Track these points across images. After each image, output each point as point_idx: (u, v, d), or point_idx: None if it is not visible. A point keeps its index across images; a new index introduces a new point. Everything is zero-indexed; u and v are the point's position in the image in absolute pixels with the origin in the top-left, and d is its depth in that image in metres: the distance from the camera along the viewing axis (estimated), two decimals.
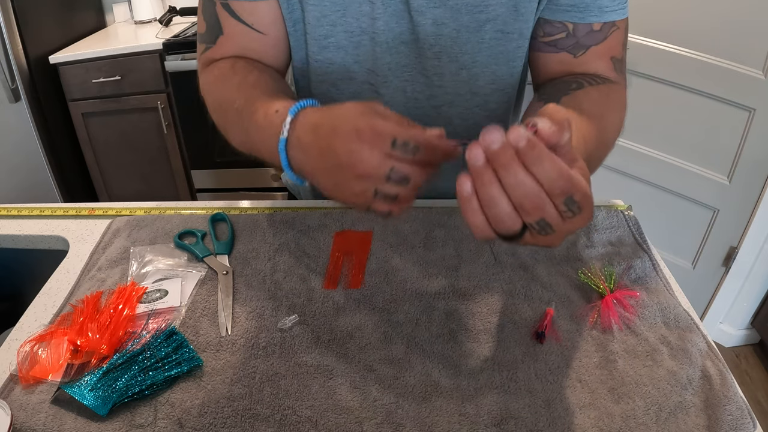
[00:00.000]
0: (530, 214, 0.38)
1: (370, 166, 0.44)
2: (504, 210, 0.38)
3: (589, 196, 0.39)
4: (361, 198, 0.46)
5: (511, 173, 0.37)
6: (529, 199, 0.37)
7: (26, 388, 0.55)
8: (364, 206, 0.47)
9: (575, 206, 0.38)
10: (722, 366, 0.57)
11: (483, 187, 0.38)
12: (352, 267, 0.70)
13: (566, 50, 0.68)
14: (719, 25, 1.55)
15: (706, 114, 1.67)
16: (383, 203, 0.46)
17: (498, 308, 0.64)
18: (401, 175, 0.44)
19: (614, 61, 0.69)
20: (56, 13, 2.24)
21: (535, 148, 0.36)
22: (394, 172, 0.44)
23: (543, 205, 0.37)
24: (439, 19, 0.66)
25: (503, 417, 0.52)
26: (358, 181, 0.45)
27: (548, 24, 0.68)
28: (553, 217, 0.38)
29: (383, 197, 0.45)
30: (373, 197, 0.45)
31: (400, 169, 0.44)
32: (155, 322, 0.62)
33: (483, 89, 0.73)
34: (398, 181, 0.44)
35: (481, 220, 0.39)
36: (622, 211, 0.80)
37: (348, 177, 0.45)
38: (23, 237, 0.81)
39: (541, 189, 0.37)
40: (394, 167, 0.44)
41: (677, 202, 1.85)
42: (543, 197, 0.37)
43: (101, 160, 2.43)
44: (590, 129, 0.57)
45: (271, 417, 0.53)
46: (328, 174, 0.48)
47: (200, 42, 0.72)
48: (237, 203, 0.84)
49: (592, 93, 0.64)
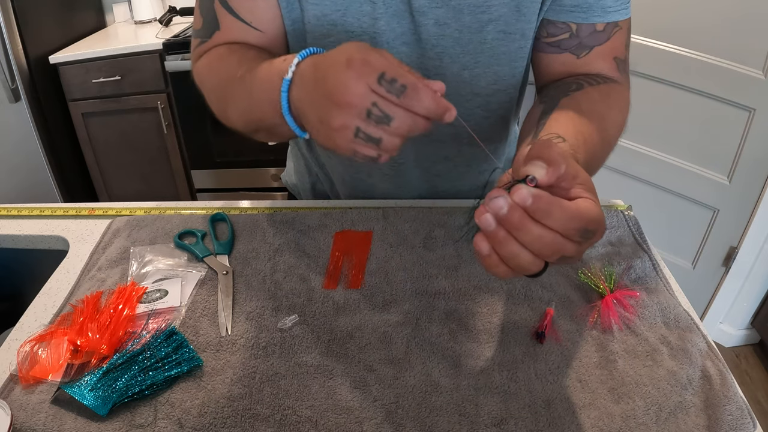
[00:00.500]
0: (551, 257, 0.39)
1: (351, 95, 0.42)
2: (526, 260, 0.39)
3: (598, 219, 0.39)
4: (342, 134, 0.44)
5: (525, 232, 0.38)
6: (548, 247, 0.38)
7: (26, 388, 0.55)
8: (345, 146, 0.45)
9: (590, 233, 0.39)
10: (722, 366, 0.57)
11: (500, 246, 0.39)
12: (352, 267, 0.70)
13: (569, 51, 0.68)
14: (719, 25, 1.55)
15: (706, 114, 1.67)
16: (364, 145, 0.44)
17: (498, 308, 0.64)
18: (382, 114, 0.42)
19: (617, 62, 0.69)
20: (56, 13, 2.24)
21: (542, 200, 0.37)
22: (376, 108, 0.42)
23: (562, 246, 0.38)
24: (441, 19, 0.66)
25: (503, 417, 0.52)
26: (339, 111, 0.43)
27: (552, 25, 0.68)
28: (573, 250, 0.39)
29: (365, 137, 0.44)
30: (353, 136, 0.44)
31: (382, 106, 0.42)
32: (155, 322, 0.62)
33: (485, 90, 0.73)
34: (378, 120, 0.43)
35: (504, 270, 0.40)
36: (622, 211, 0.80)
37: (331, 107, 0.44)
38: (23, 237, 0.81)
39: (557, 234, 0.38)
40: (376, 102, 0.42)
41: (677, 202, 1.85)
42: (560, 240, 0.38)
43: (101, 160, 2.43)
44: (590, 130, 0.57)
45: (271, 417, 0.53)
46: (315, 106, 0.46)
47: (195, 37, 0.72)
48: (237, 203, 0.84)
49: (592, 93, 0.64)
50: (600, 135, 0.58)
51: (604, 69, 0.68)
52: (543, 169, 0.38)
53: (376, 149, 0.44)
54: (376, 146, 0.44)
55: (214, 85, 0.65)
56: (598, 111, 0.61)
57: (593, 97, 0.63)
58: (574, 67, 0.69)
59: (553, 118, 0.59)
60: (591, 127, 0.57)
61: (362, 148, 0.45)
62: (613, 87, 0.67)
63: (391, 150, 0.45)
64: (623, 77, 0.70)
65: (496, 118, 0.76)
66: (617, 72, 0.69)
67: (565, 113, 0.59)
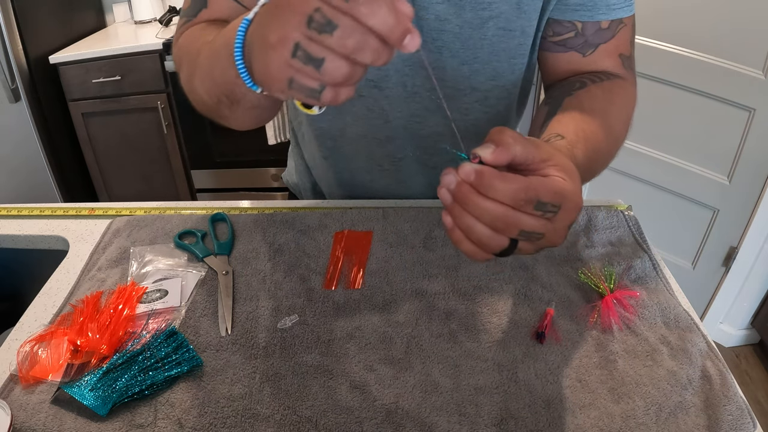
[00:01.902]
0: (508, 231, 0.40)
1: (283, 31, 0.36)
2: (483, 233, 0.41)
3: (560, 192, 0.40)
4: (278, 53, 0.37)
5: (472, 205, 0.40)
6: (499, 219, 0.40)
7: (26, 388, 0.55)
8: (280, 71, 0.38)
9: (549, 206, 0.40)
10: (722, 366, 0.57)
11: (457, 220, 0.41)
12: (352, 267, 0.70)
13: (575, 49, 0.69)
14: (719, 25, 1.55)
15: (706, 114, 1.67)
16: (302, 69, 0.37)
17: (498, 308, 0.64)
18: (325, 20, 0.35)
19: (623, 58, 0.69)
20: (56, 13, 2.24)
21: (484, 175, 0.39)
22: (318, 14, 0.35)
23: (515, 219, 0.40)
24: (443, 14, 0.66)
25: (503, 417, 0.52)
26: (278, 20, 0.37)
27: (557, 24, 0.68)
28: (533, 225, 0.40)
29: (303, 57, 0.36)
30: (291, 56, 0.36)
31: (325, 11, 0.34)
32: (155, 322, 0.62)
33: (483, 85, 0.73)
34: (320, 29, 0.35)
35: (468, 246, 0.42)
36: (622, 211, 0.80)
37: (271, 17, 0.38)
38: (23, 237, 0.81)
39: (507, 207, 0.39)
40: (319, 7, 0.34)
41: (677, 202, 1.85)
42: (511, 213, 0.39)
43: (101, 160, 2.43)
44: (592, 126, 0.57)
45: (271, 417, 0.53)
46: (260, 25, 0.40)
47: (181, 17, 0.69)
48: (237, 203, 0.84)
49: (595, 91, 0.65)
50: (603, 130, 0.58)
51: (609, 66, 0.69)
52: (489, 149, 0.40)
53: (317, 77, 0.37)
54: (316, 71, 0.36)
55: (189, 59, 0.59)
56: (600, 107, 0.61)
57: (596, 95, 0.64)
58: (580, 65, 0.69)
59: (556, 119, 0.59)
60: (593, 123, 0.57)
61: (299, 75, 0.37)
62: (617, 83, 0.67)
63: (332, 79, 0.36)
64: (629, 73, 0.70)
65: (494, 114, 0.77)
66: (623, 69, 0.69)
67: (568, 113, 0.60)
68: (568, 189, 0.41)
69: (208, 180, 2.46)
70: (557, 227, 0.41)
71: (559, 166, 0.42)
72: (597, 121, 0.58)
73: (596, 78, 0.67)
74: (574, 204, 0.41)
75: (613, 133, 0.61)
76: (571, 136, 0.54)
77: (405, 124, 0.77)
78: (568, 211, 0.41)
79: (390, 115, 0.76)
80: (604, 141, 0.58)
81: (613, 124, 0.61)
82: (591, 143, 0.55)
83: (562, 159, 0.43)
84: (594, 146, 0.55)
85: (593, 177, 0.59)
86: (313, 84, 0.37)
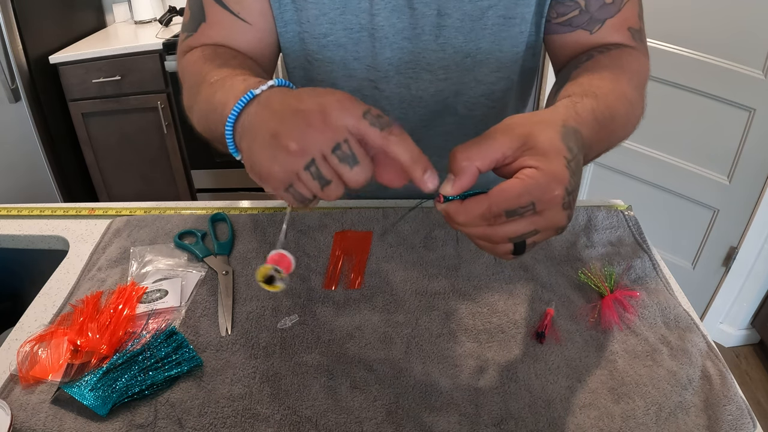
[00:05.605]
0: (499, 242, 0.42)
1: (330, 119, 0.39)
2: (485, 246, 0.44)
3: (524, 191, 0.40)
4: (291, 159, 0.39)
5: (460, 228, 0.43)
6: (483, 238, 0.43)
7: (26, 388, 0.55)
8: (285, 175, 0.40)
9: (520, 210, 0.40)
10: (722, 366, 0.57)
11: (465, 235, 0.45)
12: (352, 267, 0.70)
13: (582, 27, 0.67)
14: (719, 25, 1.55)
15: (706, 114, 1.67)
16: (306, 181, 0.40)
17: (498, 308, 0.64)
18: (350, 153, 0.39)
19: (632, 32, 0.67)
20: (56, 13, 2.24)
21: (449, 214, 0.43)
22: (346, 145, 0.39)
23: (496, 233, 0.42)
24: (443, 9, 0.66)
25: (503, 417, 0.52)
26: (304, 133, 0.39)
27: (560, 4, 0.67)
28: (517, 229, 0.41)
29: (314, 173, 0.39)
30: (303, 168, 0.39)
31: (353, 146, 0.39)
32: (155, 322, 0.62)
33: (488, 77, 0.73)
34: (342, 158, 0.39)
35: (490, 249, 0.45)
36: (622, 211, 0.80)
37: (296, 125, 0.39)
38: (23, 237, 0.81)
39: (484, 227, 0.42)
40: (348, 139, 0.39)
41: (677, 202, 1.85)
42: (490, 230, 0.42)
43: (101, 160, 2.43)
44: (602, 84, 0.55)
45: (271, 417, 0.53)
46: (277, 119, 0.41)
47: (182, 31, 0.71)
48: (237, 203, 0.84)
49: (603, 59, 0.62)
50: (615, 92, 0.56)
51: (619, 40, 0.66)
52: (449, 183, 0.42)
53: (317, 192, 0.40)
54: (319, 188, 0.40)
55: (191, 83, 0.62)
56: (609, 72, 0.59)
57: (604, 62, 0.62)
58: (589, 43, 0.67)
59: (564, 88, 0.57)
60: (603, 83, 0.55)
61: (300, 185, 0.40)
62: (626, 50, 0.65)
63: (328, 197, 0.41)
64: (640, 45, 0.68)
65: (501, 108, 0.76)
66: (633, 41, 0.67)
67: (575, 81, 0.58)
68: (534, 181, 0.40)
69: (208, 180, 2.46)
70: (548, 215, 0.41)
71: (534, 149, 0.41)
72: (607, 83, 0.56)
73: (604, 49, 0.65)
74: (548, 190, 0.40)
75: (626, 95, 0.58)
76: (577, 92, 0.52)
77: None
78: (546, 200, 0.40)
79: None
80: (617, 101, 0.55)
81: (625, 88, 0.58)
82: (602, 101, 0.52)
83: (537, 137, 0.42)
84: (607, 104, 0.52)
85: (613, 139, 0.56)
86: (308, 195, 0.41)
